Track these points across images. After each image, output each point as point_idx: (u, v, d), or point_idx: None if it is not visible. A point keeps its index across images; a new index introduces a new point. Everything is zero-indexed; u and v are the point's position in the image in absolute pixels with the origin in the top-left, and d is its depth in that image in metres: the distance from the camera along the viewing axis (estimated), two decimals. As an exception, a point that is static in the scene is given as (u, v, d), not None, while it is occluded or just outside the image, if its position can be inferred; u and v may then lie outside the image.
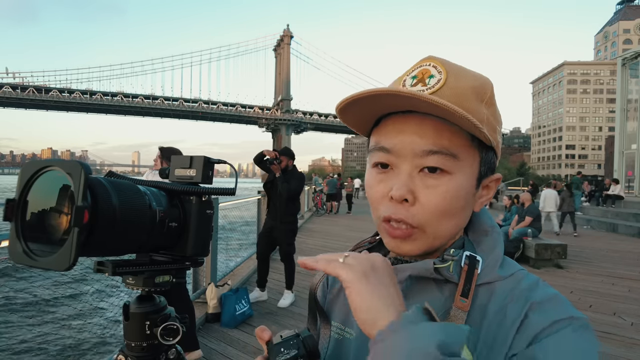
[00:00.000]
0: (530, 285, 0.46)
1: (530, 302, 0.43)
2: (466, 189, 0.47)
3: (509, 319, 0.43)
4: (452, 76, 0.47)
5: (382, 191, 0.48)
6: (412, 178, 0.47)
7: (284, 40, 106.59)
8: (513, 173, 60.68)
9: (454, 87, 0.46)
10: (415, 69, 0.50)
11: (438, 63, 0.49)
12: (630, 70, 17.46)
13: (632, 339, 3.36)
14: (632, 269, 6.09)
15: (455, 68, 0.49)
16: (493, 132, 0.48)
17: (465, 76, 0.48)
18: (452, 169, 0.46)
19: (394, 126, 0.48)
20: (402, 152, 0.47)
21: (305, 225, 10.88)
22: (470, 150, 0.47)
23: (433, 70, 0.48)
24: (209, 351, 2.96)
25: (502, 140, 0.53)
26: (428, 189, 0.46)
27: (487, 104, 0.48)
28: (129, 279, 0.50)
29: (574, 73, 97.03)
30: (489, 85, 0.49)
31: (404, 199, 0.46)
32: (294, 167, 4.02)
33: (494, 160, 0.51)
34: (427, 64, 0.49)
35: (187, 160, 0.54)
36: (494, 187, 0.52)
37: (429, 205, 0.46)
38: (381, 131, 0.50)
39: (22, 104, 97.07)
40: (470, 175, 0.48)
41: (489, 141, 0.46)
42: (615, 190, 12.68)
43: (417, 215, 0.46)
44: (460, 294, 0.45)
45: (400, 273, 0.48)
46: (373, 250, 0.59)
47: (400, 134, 0.47)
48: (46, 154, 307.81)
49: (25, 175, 0.39)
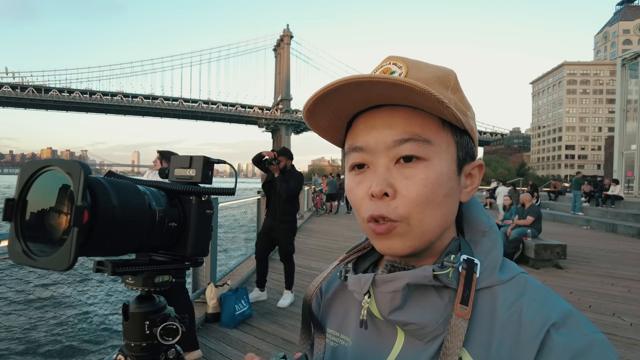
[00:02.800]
0: (542, 294, 0.45)
1: (550, 320, 0.42)
2: (447, 175, 0.46)
3: (526, 331, 0.42)
4: (413, 69, 0.47)
5: (363, 191, 0.47)
6: (390, 171, 0.46)
7: (284, 40, 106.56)
8: (513, 173, 60.73)
9: (416, 78, 0.46)
10: (377, 70, 0.50)
11: (398, 60, 0.49)
12: (630, 71, 17.47)
13: (632, 339, 3.36)
14: (631, 269, 6.10)
15: (415, 62, 0.49)
16: (463, 116, 0.47)
17: (426, 68, 0.48)
18: (428, 154, 0.45)
19: (365, 124, 0.48)
20: (376, 148, 0.46)
21: (305, 225, 10.88)
22: (442, 134, 0.46)
23: (393, 67, 0.48)
24: (209, 351, 2.96)
25: (476, 127, 0.52)
26: (407, 179, 0.45)
27: (452, 90, 0.48)
28: (128, 278, 0.50)
29: (573, 73, 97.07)
30: (452, 74, 0.49)
31: (384, 193, 0.45)
32: (292, 167, 4.03)
33: (471, 145, 0.50)
34: (388, 63, 0.49)
35: (186, 160, 0.54)
36: (478, 175, 0.51)
37: (410, 195, 0.44)
38: (353, 132, 0.49)
39: (22, 104, 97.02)
40: (448, 160, 0.47)
41: (460, 121, 0.46)
42: (614, 191, 12.70)
43: (398, 208, 0.45)
44: (460, 301, 0.44)
45: (397, 281, 0.46)
46: (367, 255, 0.58)
47: (371, 129, 0.47)
48: (46, 154, 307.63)
49: (24, 175, 0.39)
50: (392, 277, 0.47)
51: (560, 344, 0.40)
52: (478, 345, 0.43)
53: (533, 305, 0.43)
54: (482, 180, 0.56)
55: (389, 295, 0.46)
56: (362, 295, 0.49)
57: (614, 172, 17.68)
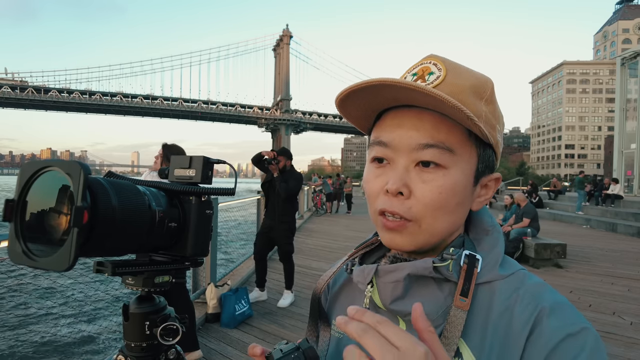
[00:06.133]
0: (537, 287, 0.46)
1: (541, 307, 0.43)
2: (462, 185, 0.47)
3: (517, 320, 0.43)
4: (451, 73, 0.48)
5: (379, 185, 0.48)
6: (408, 172, 0.47)
7: (284, 40, 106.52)
8: (512, 173, 60.76)
9: (452, 84, 0.46)
10: (417, 67, 0.50)
11: (438, 61, 0.49)
12: (629, 70, 17.49)
13: (632, 339, 3.37)
14: (631, 268, 6.10)
15: (455, 66, 0.49)
16: (491, 130, 0.48)
17: (464, 74, 0.48)
18: (448, 163, 0.46)
19: (392, 120, 0.48)
20: (399, 146, 0.47)
21: (305, 225, 10.88)
22: (467, 146, 0.47)
23: (433, 67, 0.49)
24: (209, 351, 2.96)
25: (502, 141, 0.52)
26: (424, 183, 0.46)
27: (486, 102, 0.48)
28: (128, 279, 0.50)
29: (573, 73, 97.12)
30: (489, 84, 0.49)
31: (399, 192, 0.46)
32: (292, 167, 4.03)
33: (492, 159, 0.51)
34: (428, 62, 0.50)
35: (186, 160, 0.54)
36: (493, 187, 0.52)
37: (424, 199, 0.46)
38: (380, 126, 0.50)
39: (22, 104, 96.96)
40: (467, 171, 0.48)
41: (485, 136, 0.46)
42: (614, 190, 12.70)
43: (412, 209, 0.46)
44: (460, 293, 0.45)
45: (399, 271, 0.48)
46: (374, 251, 0.59)
47: (398, 128, 0.47)
48: (45, 154, 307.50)
49: (24, 175, 0.39)
50: (394, 268, 0.48)
51: (549, 329, 0.41)
52: (475, 337, 0.44)
53: (526, 298, 0.44)
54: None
55: (390, 285, 0.48)
56: (366, 285, 0.51)
57: (613, 171, 17.69)
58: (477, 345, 0.44)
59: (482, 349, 0.43)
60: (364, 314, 0.32)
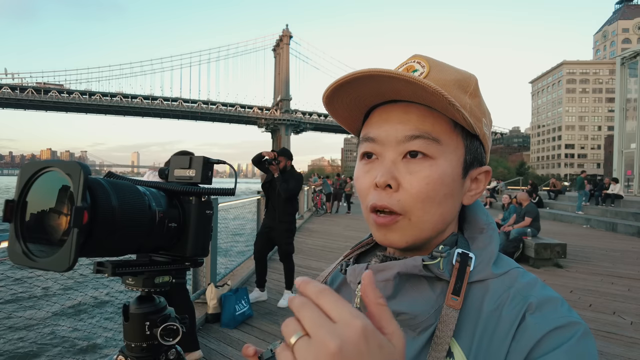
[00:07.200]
0: (528, 284, 0.45)
1: (528, 302, 0.43)
2: (450, 176, 0.47)
3: (505, 320, 0.43)
4: (435, 69, 0.48)
5: (369, 181, 0.49)
6: (396, 164, 0.47)
7: (283, 40, 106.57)
8: (512, 172, 60.73)
9: (436, 79, 0.47)
10: (401, 67, 0.51)
11: (422, 59, 0.50)
12: (629, 70, 17.49)
13: (632, 338, 3.37)
14: (631, 268, 6.11)
15: (438, 63, 0.50)
16: (477, 122, 0.48)
17: (448, 70, 0.49)
18: (435, 153, 0.46)
19: (379, 117, 0.49)
20: (387, 140, 0.48)
21: (305, 225, 10.88)
22: (452, 136, 0.48)
23: (417, 65, 0.49)
24: (209, 351, 2.96)
25: (491, 136, 0.53)
26: (411, 174, 0.46)
27: (470, 95, 0.49)
28: (128, 279, 0.50)
29: (573, 72, 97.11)
30: (472, 79, 0.50)
31: (387, 184, 0.46)
32: (292, 167, 4.03)
33: (480, 151, 0.51)
34: (412, 61, 0.51)
35: (186, 161, 0.54)
36: (484, 181, 0.52)
37: (412, 190, 0.46)
38: (368, 123, 0.51)
39: (21, 105, 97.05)
40: (454, 161, 0.48)
41: (470, 126, 0.46)
42: (614, 190, 12.70)
43: (401, 201, 0.46)
44: (452, 291, 0.45)
45: (388, 270, 0.47)
46: (369, 251, 0.59)
47: (385, 123, 0.48)
48: (45, 155, 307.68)
49: (24, 176, 0.39)
50: (384, 267, 0.48)
51: (533, 323, 0.41)
52: (466, 336, 0.44)
53: (517, 297, 0.44)
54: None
55: (380, 284, 0.48)
56: (357, 284, 0.50)
57: (613, 171, 17.69)
58: (468, 344, 0.44)
59: (471, 349, 0.43)
60: (307, 286, 0.29)
